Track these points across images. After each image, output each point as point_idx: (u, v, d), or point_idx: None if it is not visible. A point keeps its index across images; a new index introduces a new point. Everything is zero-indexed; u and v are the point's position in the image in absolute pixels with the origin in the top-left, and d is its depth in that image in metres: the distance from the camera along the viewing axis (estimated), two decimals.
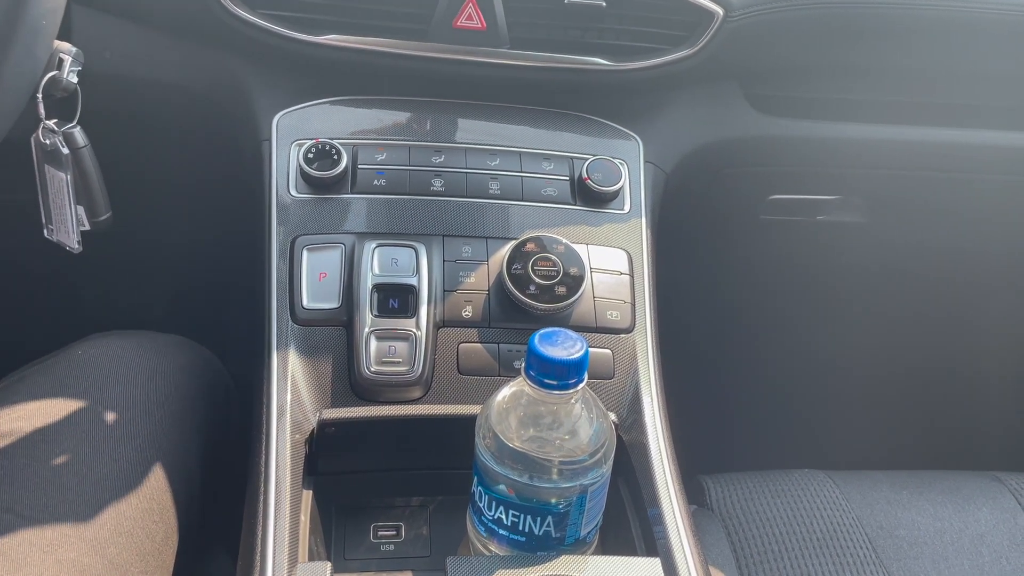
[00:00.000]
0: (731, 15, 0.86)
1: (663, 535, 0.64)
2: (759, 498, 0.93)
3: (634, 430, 0.71)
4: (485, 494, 0.60)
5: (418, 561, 0.72)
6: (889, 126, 1.02)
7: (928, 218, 1.16)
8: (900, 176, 1.07)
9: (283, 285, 0.74)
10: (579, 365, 0.56)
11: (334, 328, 0.72)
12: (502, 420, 0.58)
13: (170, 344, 0.83)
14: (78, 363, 0.76)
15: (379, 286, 0.72)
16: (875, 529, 0.91)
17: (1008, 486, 0.98)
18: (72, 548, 0.63)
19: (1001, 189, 1.10)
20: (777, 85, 0.98)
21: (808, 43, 0.93)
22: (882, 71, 0.98)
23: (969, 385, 1.43)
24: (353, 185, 0.80)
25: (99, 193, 0.84)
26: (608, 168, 0.84)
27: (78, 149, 0.81)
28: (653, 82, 0.90)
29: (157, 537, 0.70)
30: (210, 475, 0.81)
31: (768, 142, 1.00)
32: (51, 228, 0.86)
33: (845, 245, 1.18)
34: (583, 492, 0.59)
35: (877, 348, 1.38)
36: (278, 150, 0.81)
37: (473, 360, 0.72)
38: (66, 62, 0.79)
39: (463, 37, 0.83)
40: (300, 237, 0.76)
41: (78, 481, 0.67)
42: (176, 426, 0.76)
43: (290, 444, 0.66)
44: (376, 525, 0.73)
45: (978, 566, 0.89)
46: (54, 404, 0.72)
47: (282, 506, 0.63)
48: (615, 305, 0.76)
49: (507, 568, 0.59)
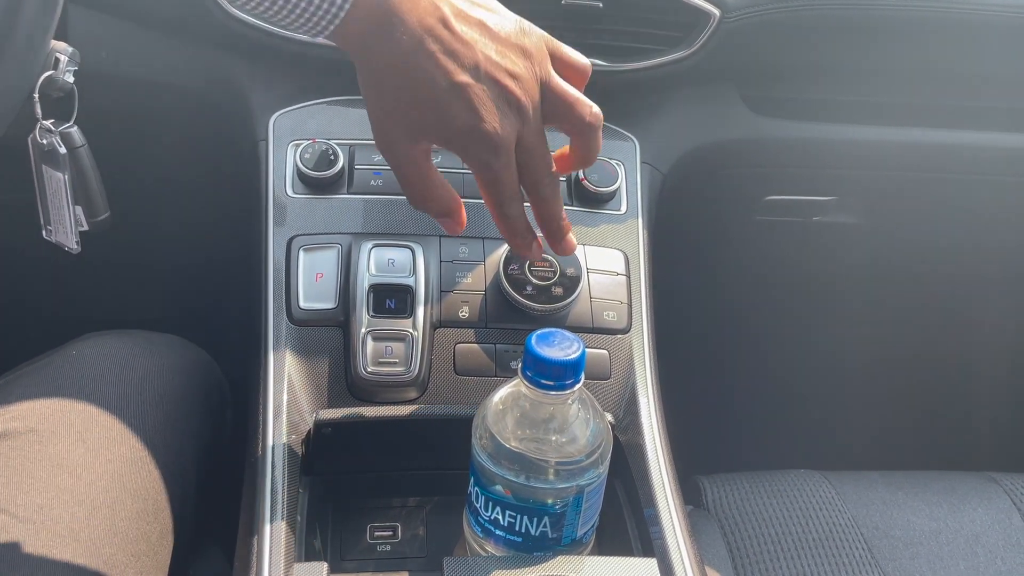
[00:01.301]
0: (728, 16, 0.86)
1: (659, 536, 0.64)
2: (755, 498, 0.94)
3: (631, 431, 0.71)
4: (481, 494, 0.60)
5: (414, 562, 0.71)
6: (885, 127, 1.02)
7: (923, 219, 1.17)
8: (896, 177, 1.08)
9: (279, 285, 0.74)
10: (576, 366, 0.56)
11: (330, 328, 0.72)
12: (499, 421, 0.58)
13: (165, 344, 0.83)
14: (72, 362, 0.76)
15: (376, 286, 0.72)
16: (871, 529, 0.91)
17: (1003, 486, 0.99)
18: (66, 549, 0.63)
19: (996, 190, 1.10)
20: (773, 86, 0.98)
21: (804, 45, 0.93)
22: (878, 72, 0.99)
23: (964, 385, 1.43)
24: (350, 185, 0.80)
25: (97, 193, 0.84)
26: (605, 169, 0.84)
27: (75, 149, 0.81)
28: (650, 83, 0.90)
29: (152, 537, 0.70)
30: (205, 475, 0.80)
31: (764, 143, 1.00)
32: (49, 229, 0.85)
33: (841, 246, 1.18)
34: (580, 493, 0.59)
35: (873, 349, 1.38)
36: (275, 150, 0.81)
37: (470, 361, 0.72)
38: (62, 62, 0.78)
39: None
40: (297, 237, 0.76)
41: (72, 481, 0.67)
42: (171, 426, 0.76)
43: (286, 444, 0.66)
44: (372, 525, 0.73)
45: (973, 566, 0.90)
46: (48, 404, 0.72)
47: (278, 506, 0.63)
48: (612, 306, 0.76)
49: (503, 568, 0.59)
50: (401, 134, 0.56)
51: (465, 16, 0.55)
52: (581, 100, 0.59)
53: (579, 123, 0.59)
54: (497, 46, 0.55)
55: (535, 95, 0.57)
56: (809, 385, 1.39)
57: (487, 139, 0.55)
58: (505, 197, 0.59)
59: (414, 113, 0.55)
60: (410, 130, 0.56)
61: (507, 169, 0.57)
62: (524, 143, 0.57)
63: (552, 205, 0.61)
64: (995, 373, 1.40)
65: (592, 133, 0.60)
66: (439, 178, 0.60)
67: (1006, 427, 1.40)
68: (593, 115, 0.59)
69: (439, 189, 0.60)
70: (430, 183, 0.59)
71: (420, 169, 0.58)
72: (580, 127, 0.59)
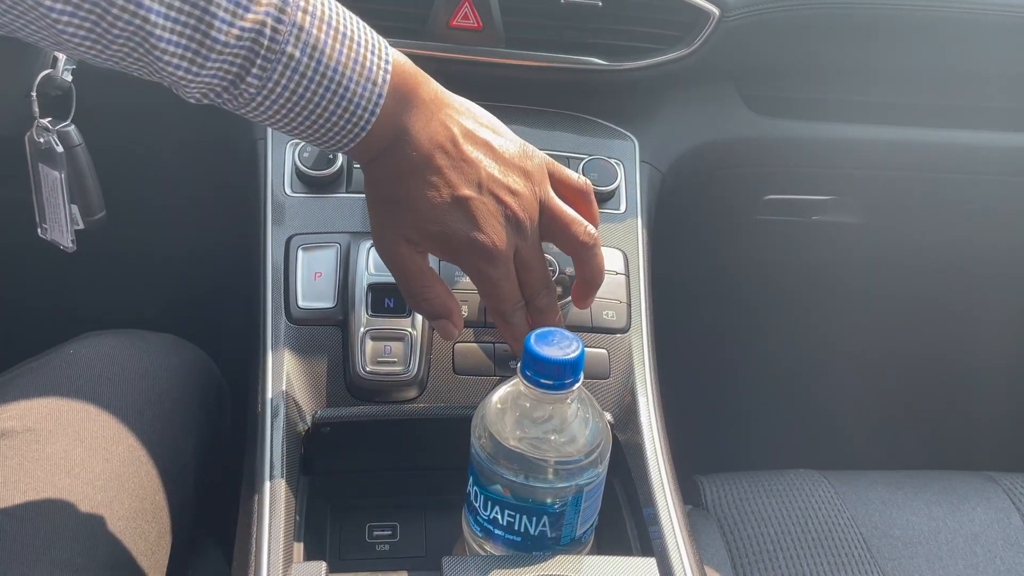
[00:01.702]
0: (727, 15, 0.86)
1: (659, 535, 0.64)
2: (754, 498, 0.93)
3: (630, 430, 0.71)
4: (481, 494, 0.60)
5: (413, 561, 0.71)
6: (885, 127, 1.02)
7: (923, 219, 1.17)
8: (896, 177, 1.08)
9: (278, 284, 0.74)
10: (575, 365, 0.55)
11: (329, 328, 0.72)
12: (498, 420, 0.58)
13: (163, 343, 0.83)
14: (70, 362, 0.76)
15: (374, 285, 0.72)
16: (870, 529, 0.91)
17: (1002, 486, 0.99)
18: (64, 549, 0.63)
19: (996, 190, 1.10)
20: (773, 85, 0.98)
21: (804, 43, 0.93)
22: (878, 72, 0.98)
23: (963, 385, 1.43)
24: (349, 184, 0.79)
25: (93, 192, 0.84)
26: (604, 168, 0.84)
27: (72, 147, 0.81)
28: (649, 82, 0.90)
29: (150, 537, 0.70)
30: (203, 475, 0.80)
31: (764, 143, 1.00)
32: (45, 227, 0.85)
33: (840, 246, 1.18)
34: (579, 492, 0.59)
35: (872, 349, 1.38)
36: (273, 149, 0.81)
37: (469, 360, 0.72)
38: (60, 60, 0.78)
39: (459, 37, 0.83)
40: (295, 236, 0.76)
41: (70, 481, 0.67)
42: (169, 426, 0.76)
43: (285, 444, 0.66)
44: (371, 525, 0.73)
45: (972, 565, 0.90)
46: (46, 403, 0.72)
47: (277, 506, 0.62)
48: (611, 305, 0.76)
49: (503, 568, 0.58)
50: (400, 239, 0.60)
51: (472, 137, 0.59)
52: (577, 220, 0.62)
53: (574, 241, 0.62)
54: (500, 166, 0.59)
55: (534, 213, 0.60)
56: (808, 384, 1.39)
57: (485, 250, 0.58)
58: (507, 306, 0.62)
59: (416, 221, 0.58)
60: (409, 237, 0.59)
61: (506, 280, 0.60)
62: (521, 257, 0.61)
63: (548, 317, 0.63)
64: (994, 373, 1.41)
65: (587, 252, 0.63)
66: (438, 280, 0.63)
67: (1005, 427, 1.40)
68: (587, 235, 0.62)
69: (437, 288, 0.62)
70: (428, 283, 0.62)
71: (419, 269, 0.61)
72: (575, 246, 0.63)
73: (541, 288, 0.62)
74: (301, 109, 0.55)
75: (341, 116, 0.55)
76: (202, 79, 0.52)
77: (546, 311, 0.63)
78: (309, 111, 0.55)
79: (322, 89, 0.54)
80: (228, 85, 0.53)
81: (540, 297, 0.63)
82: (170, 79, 0.52)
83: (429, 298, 0.62)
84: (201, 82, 0.52)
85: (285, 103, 0.54)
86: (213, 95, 0.54)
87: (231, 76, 0.52)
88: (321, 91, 0.54)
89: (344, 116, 0.55)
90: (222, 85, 0.53)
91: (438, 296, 0.62)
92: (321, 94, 0.54)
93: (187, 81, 0.52)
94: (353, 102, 0.55)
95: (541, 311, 0.63)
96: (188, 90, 0.53)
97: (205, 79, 0.52)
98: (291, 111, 0.55)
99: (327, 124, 0.56)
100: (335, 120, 0.56)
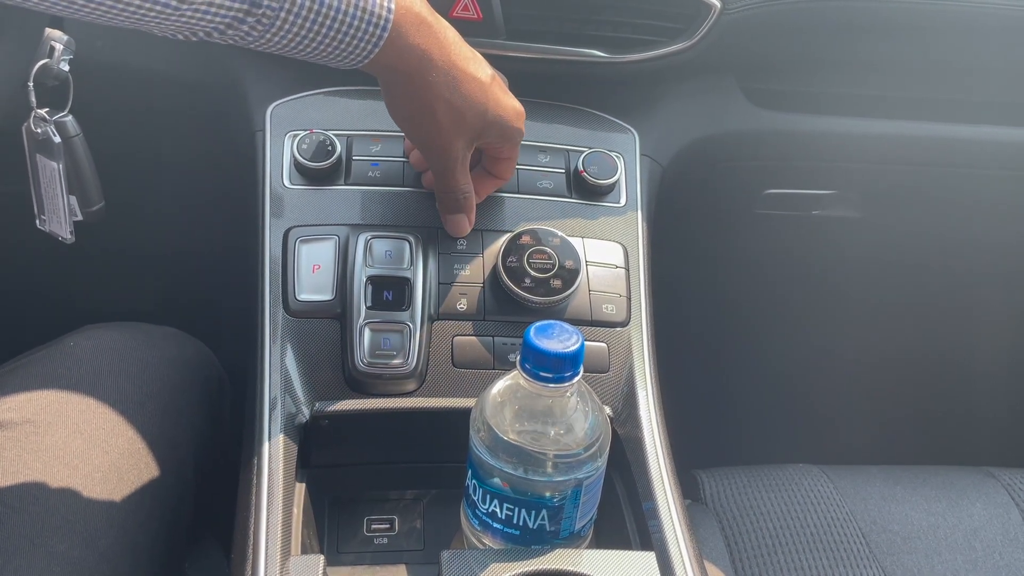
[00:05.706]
0: (728, 8, 0.85)
1: (658, 529, 0.64)
2: (753, 493, 0.93)
3: (629, 424, 0.71)
4: (479, 487, 0.60)
5: (412, 555, 0.71)
6: (885, 120, 1.01)
7: (923, 213, 1.16)
8: (896, 171, 1.07)
9: (276, 277, 0.73)
10: (575, 358, 0.55)
11: (328, 320, 0.71)
12: (497, 413, 0.58)
13: (162, 336, 0.83)
14: (70, 355, 0.76)
15: (373, 278, 0.72)
16: (869, 524, 0.91)
17: (1001, 481, 0.99)
18: (63, 540, 0.63)
19: (996, 184, 1.10)
20: (774, 79, 0.98)
21: (805, 37, 0.93)
22: (879, 65, 0.98)
23: (963, 380, 1.43)
24: (347, 176, 0.79)
25: (91, 183, 0.83)
26: (604, 161, 0.83)
27: (70, 138, 0.80)
28: (650, 75, 0.89)
29: (149, 529, 0.70)
30: (202, 467, 0.80)
31: (764, 136, 0.99)
32: (43, 218, 0.85)
33: (840, 240, 1.18)
34: (578, 486, 0.58)
35: (872, 343, 1.38)
36: (272, 141, 0.81)
37: (468, 353, 0.72)
38: (57, 50, 0.78)
39: (459, 28, 0.82)
40: (294, 228, 0.75)
41: (69, 473, 0.67)
42: (168, 418, 0.76)
43: (283, 437, 0.66)
44: (370, 518, 0.73)
45: (971, 560, 0.90)
46: (45, 395, 0.72)
47: (275, 499, 0.62)
48: (611, 299, 0.76)
49: (501, 562, 0.58)
50: (461, 135, 0.68)
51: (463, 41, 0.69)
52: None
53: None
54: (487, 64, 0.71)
55: None
56: (807, 379, 1.39)
57: (522, 115, 0.72)
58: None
59: (478, 117, 0.67)
60: (475, 127, 0.68)
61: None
62: None
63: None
64: (994, 368, 1.41)
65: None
66: (470, 178, 0.72)
67: (1004, 422, 1.40)
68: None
69: (471, 185, 0.73)
70: (468, 178, 0.72)
71: (466, 164, 0.71)
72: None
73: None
74: (320, 26, 0.58)
75: (361, 19, 0.59)
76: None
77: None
78: (329, 24, 0.59)
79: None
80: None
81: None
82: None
83: (468, 191, 0.72)
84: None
85: (304, 22, 0.58)
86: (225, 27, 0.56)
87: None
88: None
89: (364, 19, 0.59)
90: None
91: (472, 191, 0.72)
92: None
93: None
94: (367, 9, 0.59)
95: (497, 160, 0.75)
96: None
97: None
98: (310, 30, 0.58)
99: (349, 30, 0.59)
100: (356, 24, 0.59)
